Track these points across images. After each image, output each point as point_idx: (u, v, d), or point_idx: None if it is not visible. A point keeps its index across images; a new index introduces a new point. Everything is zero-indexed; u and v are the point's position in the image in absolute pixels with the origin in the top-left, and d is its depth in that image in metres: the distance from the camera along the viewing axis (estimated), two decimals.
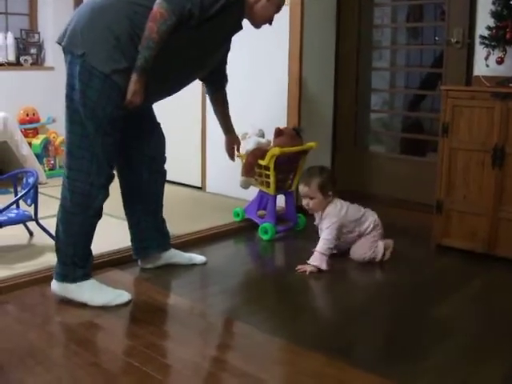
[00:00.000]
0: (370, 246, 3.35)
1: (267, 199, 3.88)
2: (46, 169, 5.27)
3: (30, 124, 5.44)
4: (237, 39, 4.60)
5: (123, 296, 2.79)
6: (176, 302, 2.86)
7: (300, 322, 2.67)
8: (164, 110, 5.19)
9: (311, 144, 3.95)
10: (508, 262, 3.32)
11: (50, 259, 3.17)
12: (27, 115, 5.44)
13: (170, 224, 3.78)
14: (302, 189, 3.35)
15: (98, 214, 2.82)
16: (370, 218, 3.39)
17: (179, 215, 4.15)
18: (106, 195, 2.78)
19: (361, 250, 3.35)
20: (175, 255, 3.29)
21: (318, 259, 3.19)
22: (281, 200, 4.03)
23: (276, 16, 4.40)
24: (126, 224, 3.82)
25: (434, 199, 3.59)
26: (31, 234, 3.55)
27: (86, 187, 2.69)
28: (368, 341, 2.49)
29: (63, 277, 2.75)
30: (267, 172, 3.80)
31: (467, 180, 3.46)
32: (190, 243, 3.62)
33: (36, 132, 5.47)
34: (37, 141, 5.26)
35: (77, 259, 2.75)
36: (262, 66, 4.42)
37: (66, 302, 2.74)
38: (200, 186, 4.99)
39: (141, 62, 2.59)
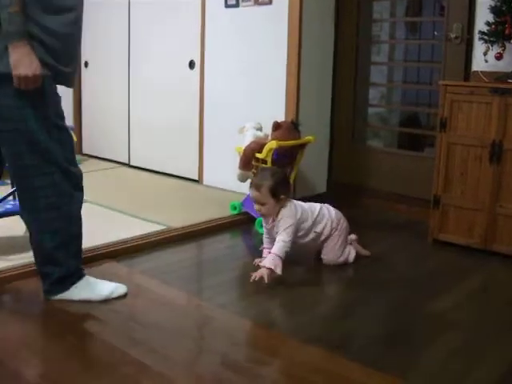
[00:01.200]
0: (339, 249, 3.20)
1: None
2: None
3: None
4: (236, 34, 4.62)
5: (120, 288, 2.77)
6: (173, 294, 2.85)
7: (298, 315, 2.66)
8: (162, 102, 5.21)
9: (309, 138, 3.94)
10: (505, 258, 3.33)
11: None
12: None
13: (167, 217, 3.80)
14: (253, 193, 3.07)
15: None
16: (326, 217, 3.18)
17: (176, 208, 4.15)
18: None
19: (331, 255, 3.20)
20: None
21: (272, 262, 2.90)
22: None
23: (275, 11, 4.40)
24: (123, 216, 3.82)
25: (432, 194, 3.59)
26: None
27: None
28: (366, 335, 2.49)
29: (60, 290, 2.69)
30: (264, 165, 3.79)
31: (465, 175, 3.46)
32: (187, 236, 3.62)
33: None
34: None
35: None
36: (260, 59, 4.41)
37: None
38: (197, 178, 4.98)
39: (5, 26, 2.27)
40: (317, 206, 3.23)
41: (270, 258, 2.93)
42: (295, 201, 3.18)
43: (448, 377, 2.15)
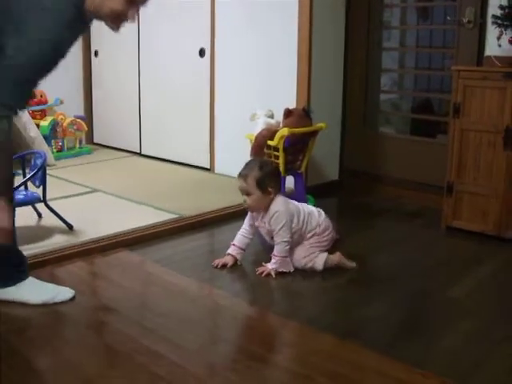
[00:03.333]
0: (305, 252, 2.98)
1: None
2: (54, 150, 5.26)
3: (38, 106, 5.43)
4: (246, 21, 4.57)
5: (65, 293, 2.60)
6: (185, 282, 2.85)
7: (311, 304, 2.66)
8: (172, 91, 5.20)
9: (321, 125, 3.92)
10: None
11: (59, 241, 3.18)
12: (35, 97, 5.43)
13: (180, 205, 3.79)
14: (240, 184, 2.99)
15: None
16: (315, 219, 3.02)
17: (188, 196, 4.15)
18: None
19: (296, 257, 2.99)
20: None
21: (283, 264, 2.92)
22: (290, 181, 4.01)
23: None
24: (135, 205, 3.82)
25: (445, 181, 3.57)
26: (40, 215, 3.55)
27: None
28: (380, 322, 2.48)
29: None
30: (276, 153, 3.78)
31: (478, 161, 3.43)
32: (199, 225, 3.62)
33: (44, 114, 5.46)
34: (45, 122, 5.24)
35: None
36: (271, 46, 4.38)
37: (76, 284, 2.73)
38: (208, 167, 4.97)
39: None
40: (310, 206, 3.13)
41: (278, 262, 2.91)
42: (285, 197, 3.06)
43: (464, 363, 2.14)
